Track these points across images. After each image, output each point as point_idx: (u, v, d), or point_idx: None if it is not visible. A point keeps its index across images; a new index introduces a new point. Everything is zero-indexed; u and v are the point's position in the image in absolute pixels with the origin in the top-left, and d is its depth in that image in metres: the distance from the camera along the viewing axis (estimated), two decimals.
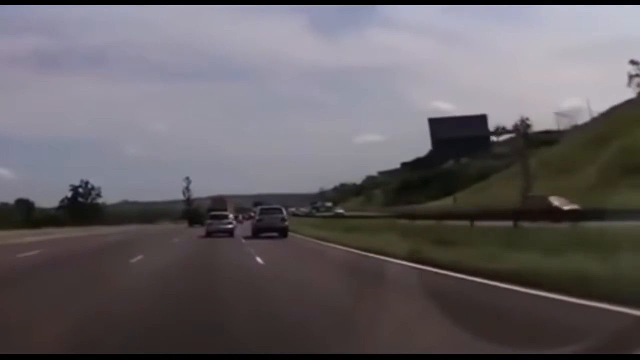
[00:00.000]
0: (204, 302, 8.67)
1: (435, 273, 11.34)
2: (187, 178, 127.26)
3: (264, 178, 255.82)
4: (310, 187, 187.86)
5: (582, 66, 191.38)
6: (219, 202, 68.39)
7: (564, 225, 19.65)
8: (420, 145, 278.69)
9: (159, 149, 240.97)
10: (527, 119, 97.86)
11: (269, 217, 32.64)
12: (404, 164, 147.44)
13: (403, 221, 34.21)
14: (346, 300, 8.46)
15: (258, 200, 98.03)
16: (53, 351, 5.53)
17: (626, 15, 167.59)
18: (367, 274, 12.14)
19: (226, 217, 37.56)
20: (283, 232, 31.12)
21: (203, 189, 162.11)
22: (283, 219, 32.37)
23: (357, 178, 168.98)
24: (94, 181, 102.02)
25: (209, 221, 36.72)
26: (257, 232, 31.41)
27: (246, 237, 29.85)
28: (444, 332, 5.97)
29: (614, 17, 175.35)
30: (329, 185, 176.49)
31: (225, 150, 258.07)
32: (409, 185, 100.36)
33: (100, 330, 6.65)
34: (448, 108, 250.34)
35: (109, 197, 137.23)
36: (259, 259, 16.16)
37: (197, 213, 73.18)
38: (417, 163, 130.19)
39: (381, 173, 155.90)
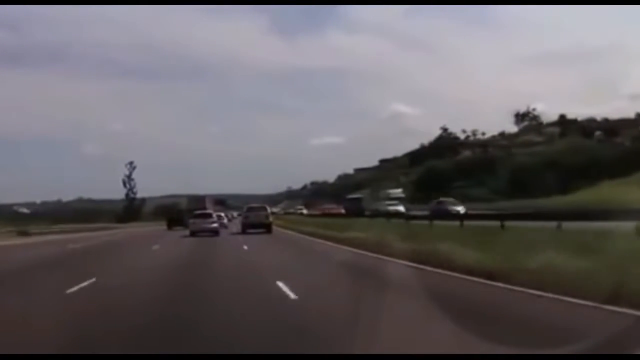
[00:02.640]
0: None
1: None
2: (131, 163, 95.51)
3: (225, 178, 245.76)
4: (271, 187, 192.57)
5: (542, 72, 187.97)
6: (196, 201, 55.84)
7: None
8: (391, 143, 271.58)
9: (117, 147, 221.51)
10: None
11: (254, 215, 36.03)
12: (382, 161, 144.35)
13: None
14: None
15: (219, 199, 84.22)
16: None
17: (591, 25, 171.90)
18: None
19: (210, 215, 37.11)
20: (268, 228, 34.58)
21: (161, 188, 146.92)
22: (267, 216, 35.82)
23: (326, 177, 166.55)
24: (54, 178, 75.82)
25: (191, 220, 36.30)
26: (245, 228, 35.03)
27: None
28: None
29: (577, 26, 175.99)
30: (296, 185, 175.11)
31: (185, 149, 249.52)
32: (430, 180, 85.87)
33: None
34: (407, 111, 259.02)
35: (65, 194, 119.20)
36: None
37: (180, 212, 55.06)
38: (415, 155, 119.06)
39: (358, 170, 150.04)
